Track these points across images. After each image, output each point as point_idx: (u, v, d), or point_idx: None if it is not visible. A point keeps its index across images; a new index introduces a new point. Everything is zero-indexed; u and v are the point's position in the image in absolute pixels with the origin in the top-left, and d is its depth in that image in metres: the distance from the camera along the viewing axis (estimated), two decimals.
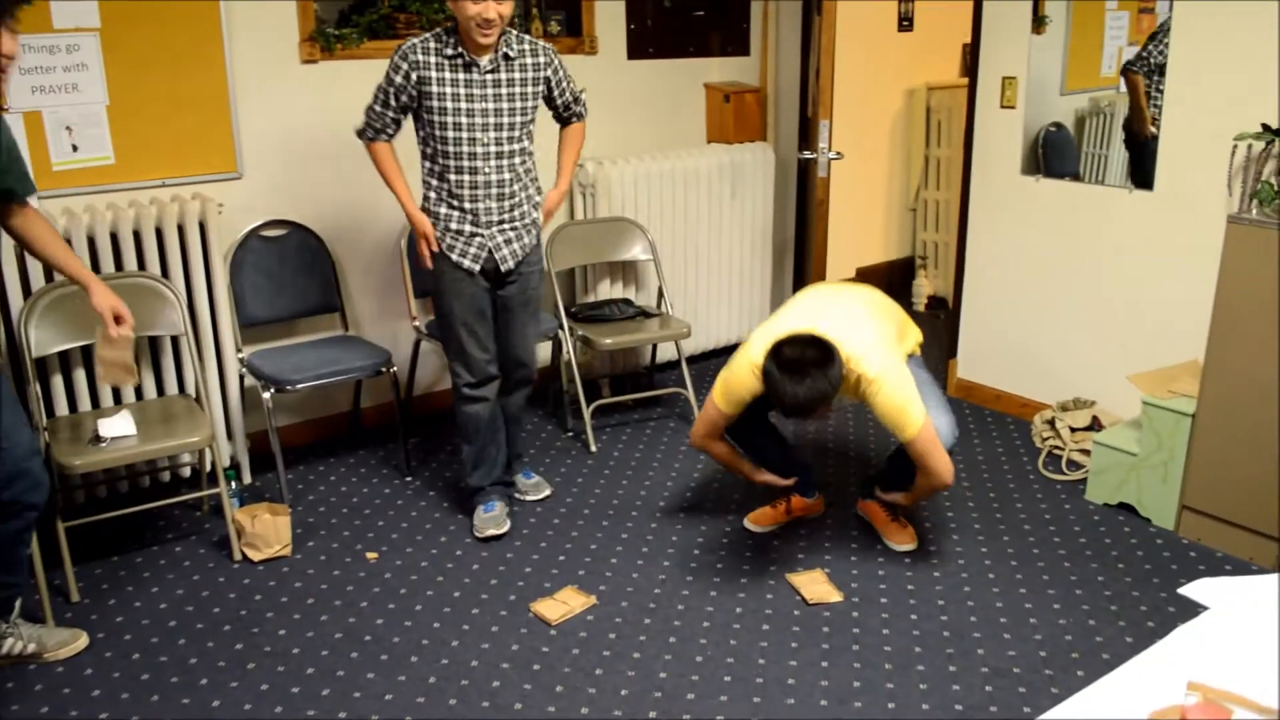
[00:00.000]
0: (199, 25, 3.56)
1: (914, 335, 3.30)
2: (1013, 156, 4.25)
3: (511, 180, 3.27)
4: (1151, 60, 3.75)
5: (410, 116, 3.24)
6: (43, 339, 3.23)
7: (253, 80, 3.73)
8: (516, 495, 3.74)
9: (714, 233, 4.87)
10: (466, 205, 3.23)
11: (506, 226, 3.30)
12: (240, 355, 3.74)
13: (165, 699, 2.67)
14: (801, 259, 5.22)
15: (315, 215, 3.94)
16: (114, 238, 3.42)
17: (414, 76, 3.11)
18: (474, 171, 3.21)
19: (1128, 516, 3.59)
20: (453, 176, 3.21)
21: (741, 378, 3.01)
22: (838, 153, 4.51)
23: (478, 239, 3.26)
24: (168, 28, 3.50)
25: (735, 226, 4.93)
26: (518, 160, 3.28)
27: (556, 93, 3.36)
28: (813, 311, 3.03)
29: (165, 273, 3.51)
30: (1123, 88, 3.90)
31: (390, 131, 3.25)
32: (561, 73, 3.34)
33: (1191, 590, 1.60)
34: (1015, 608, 3.07)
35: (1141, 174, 3.84)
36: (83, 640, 2.86)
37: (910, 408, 2.91)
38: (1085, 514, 3.62)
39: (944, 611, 3.05)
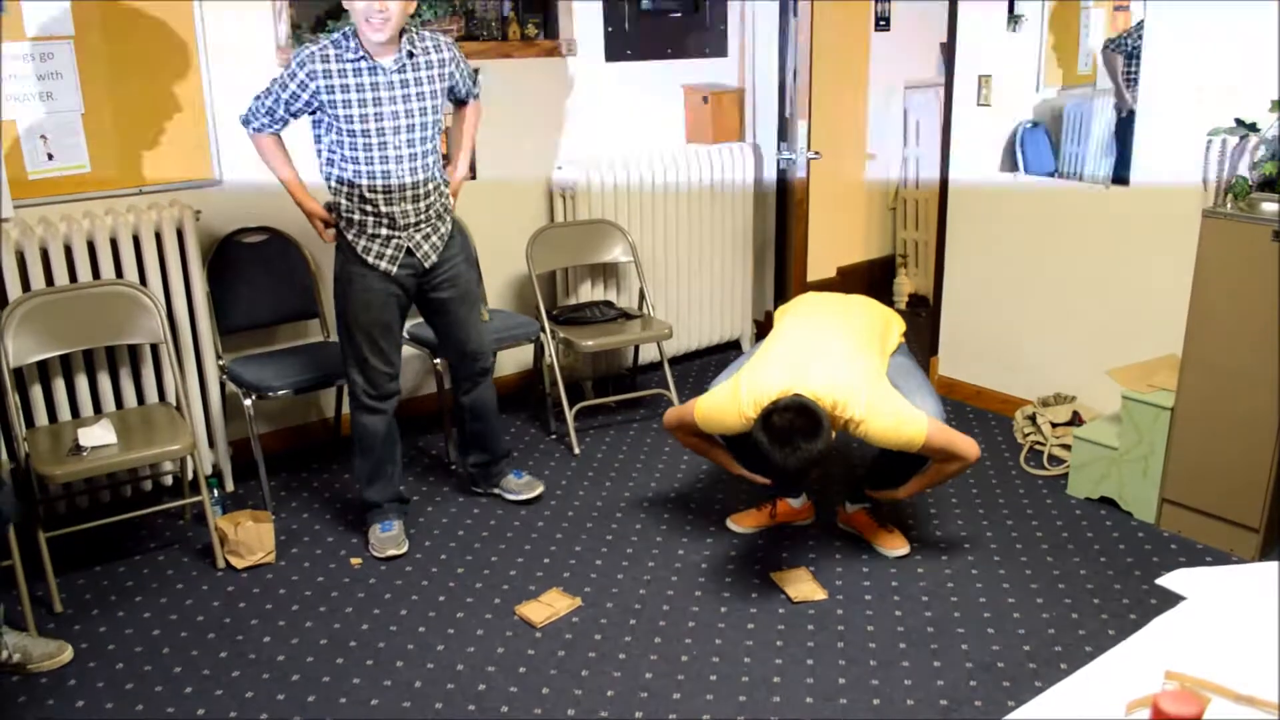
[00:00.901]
0: (174, 32, 3.55)
1: (897, 328, 3.32)
2: (990, 154, 4.27)
3: (426, 181, 3.20)
4: (1129, 43, 3.79)
5: (311, 123, 3.17)
6: (21, 349, 3.21)
7: (229, 86, 3.71)
8: (508, 496, 3.73)
9: (694, 234, 4.88)
10: (382, 209, 3.14)
11: (424, 223, 3.23)
12: (221, 362, 3.73)
13: (150, 708, 2.66)
14: (782, 259, 5.23)
15: (294, 221, 3.91)
16: (91, 246, 3.40)
17: (312, 86, 3.02)
18: (387, 176, 3.12)
19: (1109, 510, 3.62)
20: (365, 183, 3.12)
21: (726, 420, 3.03)
22: (816, 152, 4.53)
23: (395, 240, 3.19)
24: (143, 35, 3.48)
25: (715, 227, 4.94)
26: (431, 160, 3.21)
27: (460, 82, 3.31)
28: (796, 351, 3.03)
29: (143, 280, 3.49)
30: (1100, 82, 3.93)
31: (279, 127, 3.18)
32: (461, 61, 3.29)
33: (1169, 581, 1.62)
34: (998, 602, 3.08)
35: (1127, 161, 3.84)
36: (68, 654, 2.83)
37: (905, 423, 2.92)
38: (1067, 508, 3.65)
39: (928, 607, 3.06)
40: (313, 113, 3.12)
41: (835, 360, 2.98)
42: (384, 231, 3.18)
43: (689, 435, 3.26)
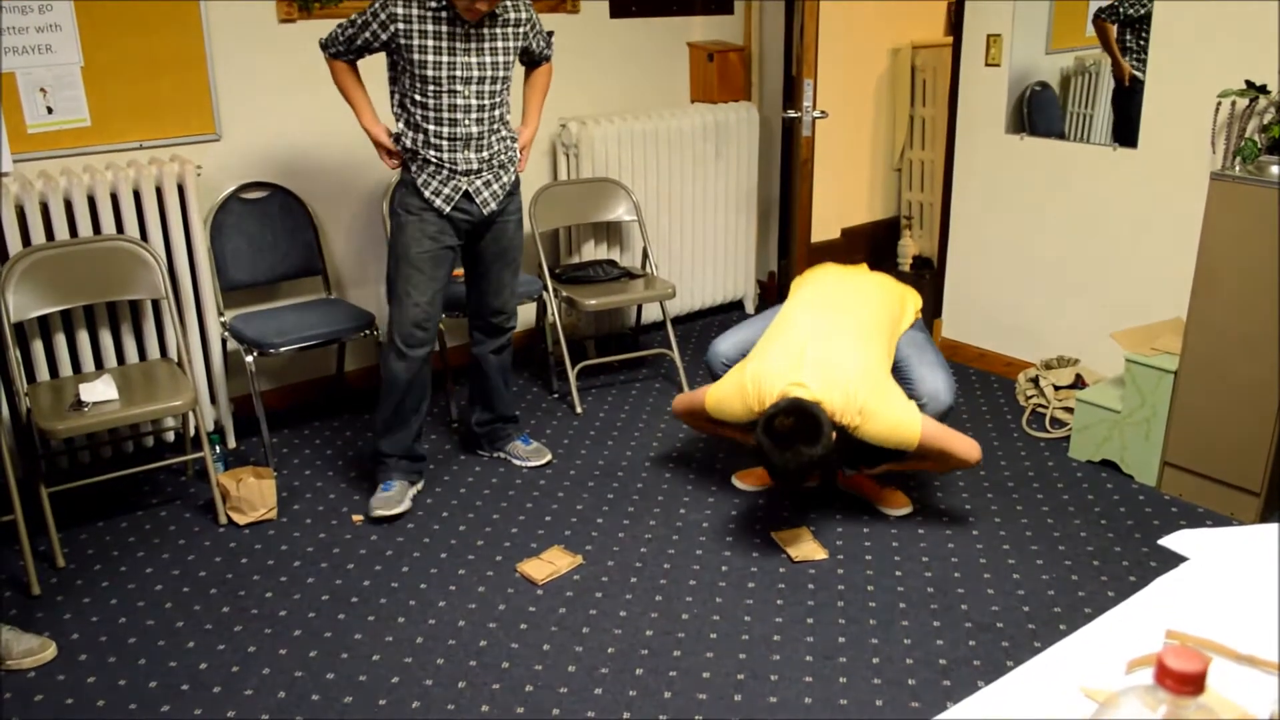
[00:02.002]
0: None
1: (913, 306, 3.38)
2: (997, 115, 4.23)
3: (489, 134, 3.23)
4: (1121, 11, 3.74)
5: (388, 63, 3.20)
6: (21, 304, 3.20)
7: (230, 40, 3.68)
8: (515, 462, 3.72)
9: (698, 193, 4.85)
10: (445, 155, 3.18)
11: (485, 171, 3.25)
12: (222, 319, 3.72)
13: (152, 662, 2.68)
14: (787, 219, 5.21)
15: (296, 177, 3.90)
16: (91, 201, 3.38)
17: (391, 28, 3.05)
18: (453, 124, 3.15)
19: (1110, 473, 3.62)
20: (430, 127, 3.16)
21: (735, 409, 3.12)
22: (822, 111, 4.49)
23: (453, 182, 3.21)
24: None
25: (720, 187, 4.91)
26: (496, 114, 3.24)
27: (534, 44, 3.33)
28: (803, 344, 3.06)
29: (144, 236, 3.47)
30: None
31: (352, 58, 3.22)
32: (536, 23, 3.31)
33: (1171, 541, 1.61)
34: (999, 563, 3.09)
35: (1125, 128, 3.83)
36: (50, 651, 2.70)
37: (901, 423, 2.98)
38: (1068, 471, 3.65)
39: (928, 568, 3.07)
40: (388, 52, 3.15)
41: (839, 360, 3.01)
42: (445, 172, 3.20)
43: (700, 421, 3.32)
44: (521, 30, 3.23)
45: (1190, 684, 0.88)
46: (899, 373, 3.24)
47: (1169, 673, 0.89)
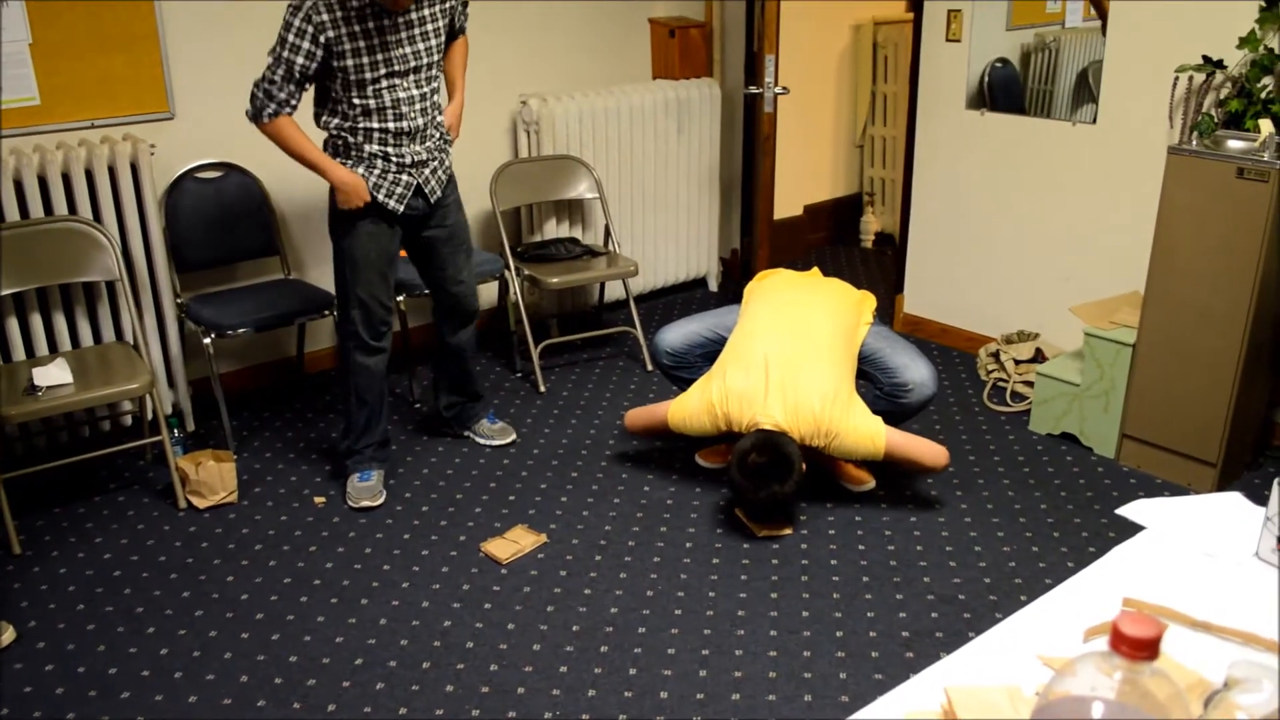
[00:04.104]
0: None
1: (869, 308, 3.39)
2: (958, 91, 4.24)
3: (430, 123, 3.14)
4: None
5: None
6: None
7: (184, 16, 3.61)
8: (480, 441, 3.71)
9: (660, 170, 4.83)
10: (391, 153, 3.07)
11: (431, 160, 3.19)
12: (179, 300, 3.67)
13: (112, 649, 2.65)
14: (749, 196, 5.19)
15: (252, 156, 3.84)
16: (42, 181, 3.32)
17: (323, 40, 2.86)
18: (399, 118, 3.04)
19: (1070, 446, 3.65)
20: (375, 125, 3.03)
21: (703, 426, 3.17)
22: (784, 88, 4.48)
23: (403, 178, 3.12)
24: None
25: (682, 163, 4.89)
26: (434, 100, 3.15)
27: (458, 18, 3.22)
28: (766, 364, 3.07)
29: (97, 217, 3.41)
30: (1069, 21, 3.90)
31: (294, 103, 2.97)
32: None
33: (1129, 510, 1.63)
34: (960, 536, 3.12)
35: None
36: (8, 635, 2.67)
37: (867, 438, 3.04)
38: (1029, 444, 3.68)
39: (891, 542, 3.09)
40: (322, 68, 2.95)
41: (804, 384, 3.03)
42: (393, 170, 3.10)
43: (657, 432, 3.35)
44: (449, 6, 3.10)
45: (1144, 649, 0.89)
46: (876, 365, 3.27)
47: (1124, 638, 0.89)
